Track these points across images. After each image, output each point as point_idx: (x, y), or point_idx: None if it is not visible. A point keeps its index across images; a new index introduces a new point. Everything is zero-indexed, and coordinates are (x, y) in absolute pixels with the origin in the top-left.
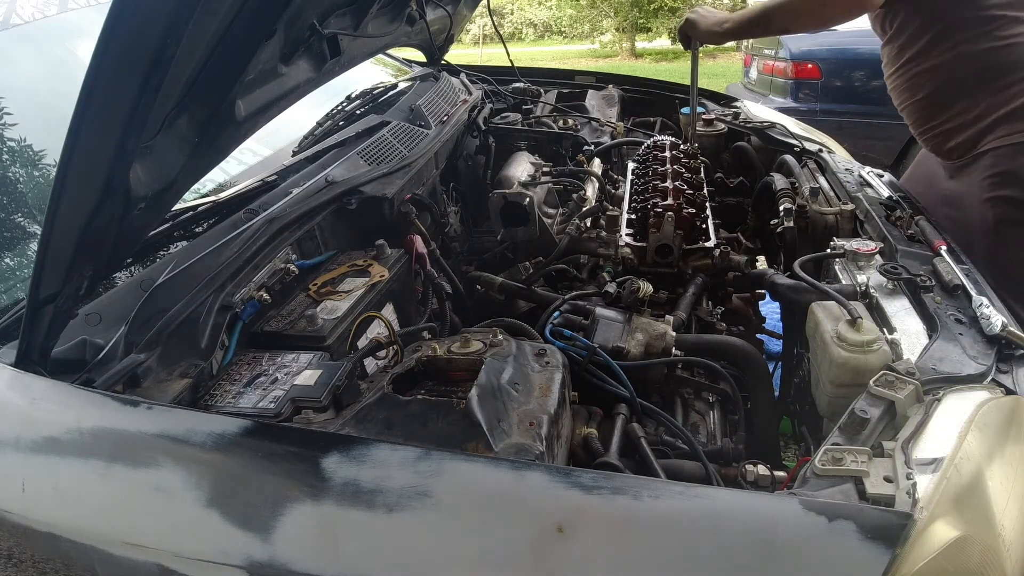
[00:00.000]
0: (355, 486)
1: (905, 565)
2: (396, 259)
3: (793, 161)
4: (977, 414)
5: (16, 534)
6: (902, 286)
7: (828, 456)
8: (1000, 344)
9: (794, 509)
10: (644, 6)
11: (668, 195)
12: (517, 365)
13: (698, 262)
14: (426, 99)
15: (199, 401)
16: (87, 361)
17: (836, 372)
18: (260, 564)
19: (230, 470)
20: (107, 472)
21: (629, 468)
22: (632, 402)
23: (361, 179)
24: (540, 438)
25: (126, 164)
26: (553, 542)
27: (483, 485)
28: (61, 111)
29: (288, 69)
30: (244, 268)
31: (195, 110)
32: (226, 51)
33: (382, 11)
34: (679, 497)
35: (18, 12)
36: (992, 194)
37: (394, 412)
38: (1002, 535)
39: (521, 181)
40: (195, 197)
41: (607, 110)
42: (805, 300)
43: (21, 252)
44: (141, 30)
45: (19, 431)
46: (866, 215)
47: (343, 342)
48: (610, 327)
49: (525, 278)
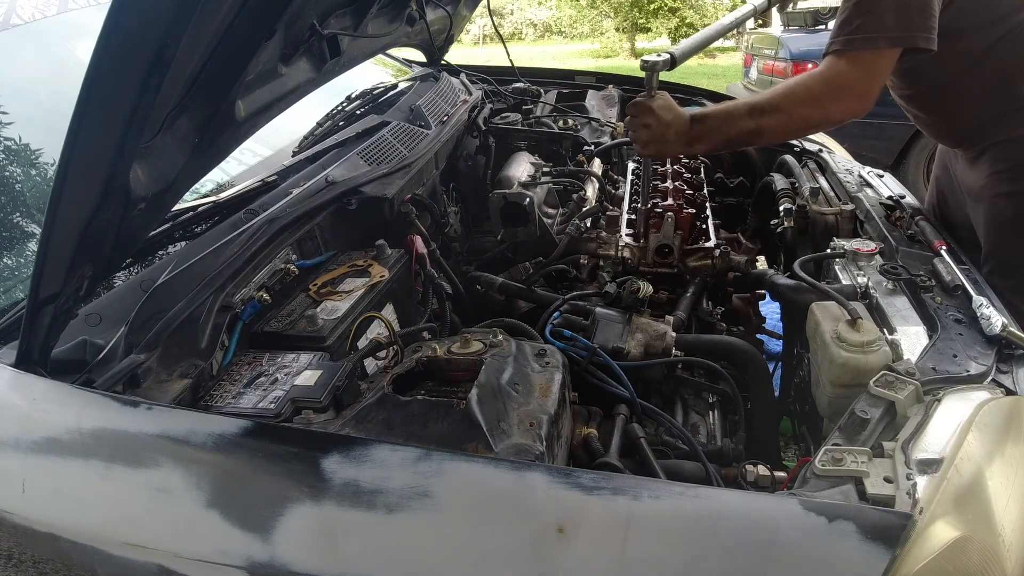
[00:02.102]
0: (355, 486)
1: (905, 565)
2: (396, 259)
3: (793, 161)
4: (977, 414)
5: (16, 534)
6: (902, 286)
7: (828, 456)
8: (1000, 344)
9: (794, 509)
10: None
11: (668, 195)
12: (517, 365)
13: (698, 262)
14: (426, 99)
15: (199, 401)
16: (87, 361)
17: (836, 372)
18: (260, 564)
19: (230, 470)
20: (107, 472)
21: (629, 468)
22: (632, 402)
23: (361, 179)
24: (540, 438)
25: (126, 164)
26: (553, 542)
27: (483, 485)
28: (61, 111)
29: (288, 69)
30: (244, 268)
31: (195, 110)
32: (226, 51)
33: (382, 11)
34: (679, 497)
35: (18, 12)
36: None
37: (394, 412)
38: (1002, 535)
39: (521, 181)
40: (195, 197)
41: (607, 110)
42: (805, 300)
43: (21, 252)
44: (141, 30)
45: (19, 431)
46: (866, 215)
47: (343, 342)
48: (610, 327)
49: (525, 278)
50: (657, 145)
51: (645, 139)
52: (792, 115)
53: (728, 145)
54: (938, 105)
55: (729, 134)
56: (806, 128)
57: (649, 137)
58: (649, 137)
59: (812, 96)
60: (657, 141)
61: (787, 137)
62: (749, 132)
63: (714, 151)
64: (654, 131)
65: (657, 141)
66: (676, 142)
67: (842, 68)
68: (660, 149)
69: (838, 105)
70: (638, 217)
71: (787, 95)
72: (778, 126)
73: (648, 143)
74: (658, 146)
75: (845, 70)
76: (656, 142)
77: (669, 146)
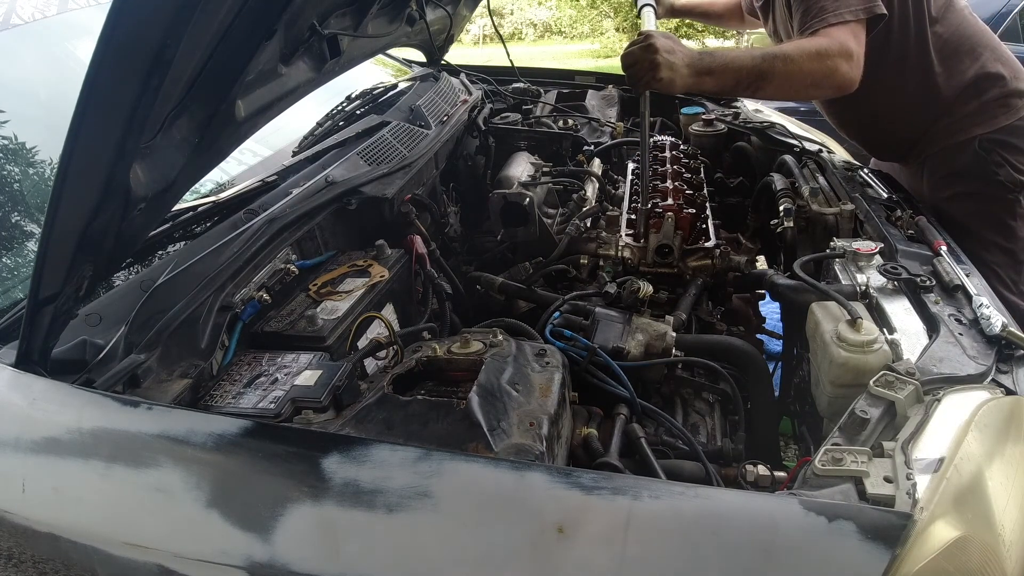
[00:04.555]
0: (355, 486)
1: (905, 565)
2: (396, 259)
3: (793, 161)
4: (977, 414)
5: (16, 534)
6: (902, 286)
7: (828, 456)
8: (1000, 344)
9: (794, 509)
10: None
11: (668, 195)
12: (517, 365)
13: (698, 262)
14: (426, 99)
15: (199, 401)
16: (87, 361)
17: (836, 372)
18: (260, 564)
19: (230, 470)
20: (107, 472)
21: (629, 468)
22: (632, 402)
23: (361, 179)
24: (540, 438)
25: (126, 164)
26: (553, 542)
27: (483, 485)
28: (61, 111)
29: (288, 69)
30: (244, 268)
31: (195, 110)
32: (226, 51)
33: (382, 11)
34: (679, 497)
35: (18, 12)
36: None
37: (394, 412)
38: (1002, 535)
39: (521, 181)
40: (195, 197)
41: (607, 110)
42: (805, 300)
43: (21, 252)
44: (141, 30)
45: (19, 431)
46: (866, 215)
47: (343, 342)
48: (610, 327)
49: (525, 278)
50: (667, 70)
51: (653, 62)
52: (802, 65)
53: (737, 86)
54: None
55: (739, 72)
56: (810, 80)
57: (658, 59)
58: (658, 59)
59: (820, 50)
60: (665, 66)
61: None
62: (758, 73)
63: (722, 90)
64: (662, 56)
65: (665, 66)
66: (685, 67)
67: (841, 34)
68: (670, 76)
69: (841, 64)
70: (638, 217)
71: (798, 45)
72: (785, 72)
73: (655, 66)
74: (668, 72)
75: (843, 35)
76: (664, 67)
77: (678, 73)
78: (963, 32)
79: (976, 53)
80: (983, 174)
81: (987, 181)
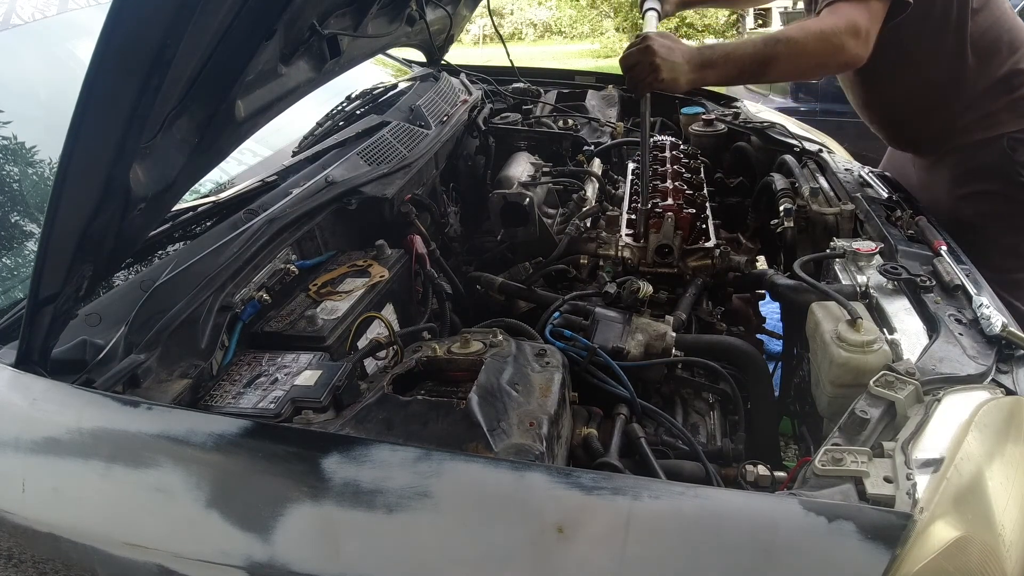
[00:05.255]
0: (355, 486)
1: (905, 565)
2: (396, 259)
3: (793, 161)
4: (977, 414)
5: (16, 534)
6: (902, 286)
7: (828, 456)
8: (1000, 344)
9: (794, 509)
10: None
11: (668, 195)
12: (517, 365)
13: (698, 262)
14: (426, 99)
15: (199, 401)
16: (87, 361)
17: (836, 372)
18: (260, 564)
19: (230, 470)
20: (107, 472)
21: (629, 468)
22: (632, 402)
23: (361, 179)
24: (540, 438)
25: (126, 164)
26: (553, 542)
27: (483, 485)
28: (61, 111)
29: (288, 69)
30: (244, 268)
31: (195, 110)
32: (226, 51)
33: (382, 11)
34: (679, 497)
35: (18, 12)
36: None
37: (394, 412)
38: (1002, 535)
39: (521, 181)
40: (195, 197)
41: (607, 110)
42: (805, 300)
43: (21, 252)
44: (141, 30)
45: (19, 431)
46: (866, 215)
47: (343, 342)
48: (610, 327)
49: (525, 278)
50: (668, 70)
51: (653, 64)
52: (806, 45)
53: (741, 74)
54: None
55: (742, 60)
56: (816, 61)
57: (657, 61)
58: (657, 61)
59: (825, 29)
60: (666, 66)
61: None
62: (761, 59)
63: (727, 81)
64: (661, 55)
65: (666, 66)
66: (686, 64)
67: (849, 11)
68: (672, 75)
69: (847, 41)
70: (638, 217)
71: (802, 26)
72: (789, 54)
73: (655, 67)
74: (669, 72)
75: (851, 12)
76: (665, 67)
77: (679, 70)
78: (1002, 26)
79: (1012, 48)
80: (1006, 173)
81: (1009, 181)
